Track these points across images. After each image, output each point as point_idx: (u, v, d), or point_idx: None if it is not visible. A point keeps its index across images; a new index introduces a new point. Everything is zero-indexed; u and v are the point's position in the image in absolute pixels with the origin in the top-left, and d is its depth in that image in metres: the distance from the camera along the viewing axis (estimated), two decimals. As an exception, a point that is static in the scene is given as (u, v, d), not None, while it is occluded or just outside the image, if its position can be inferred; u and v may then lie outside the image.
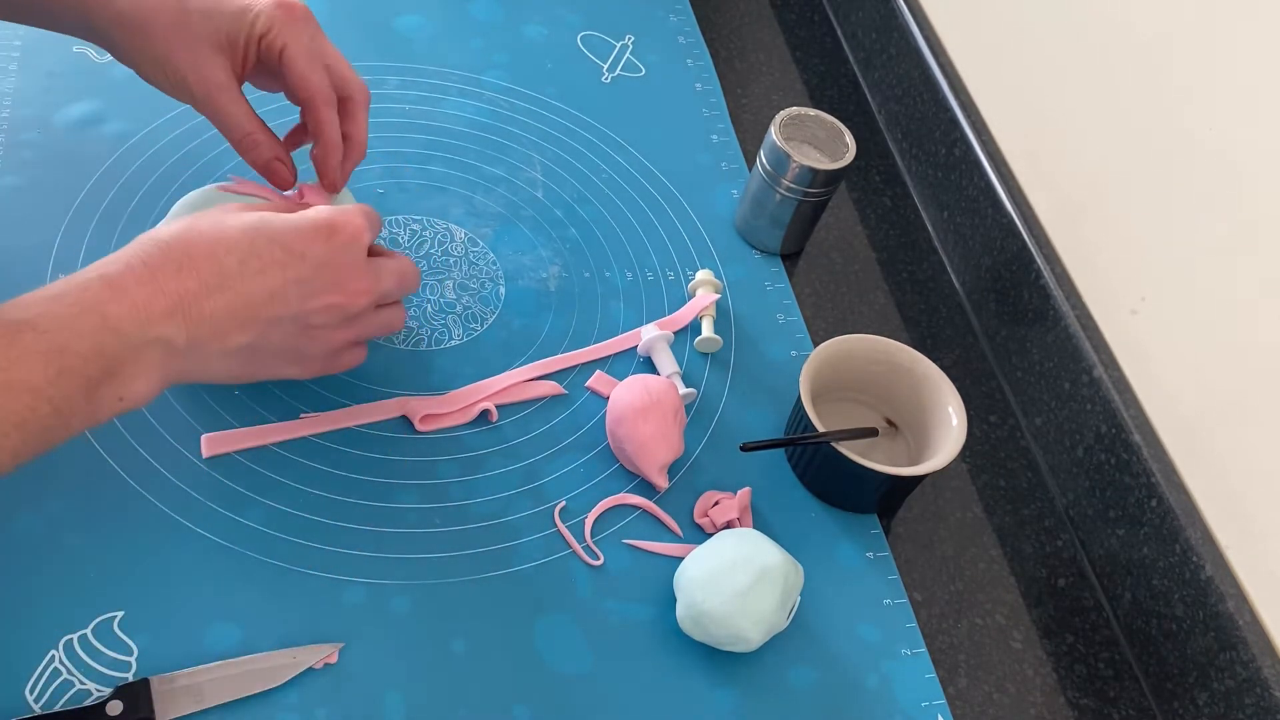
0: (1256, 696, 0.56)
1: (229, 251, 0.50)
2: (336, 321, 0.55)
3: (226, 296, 0.50)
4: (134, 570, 0.56)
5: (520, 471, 0.64)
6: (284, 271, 0.52)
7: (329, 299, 0.54)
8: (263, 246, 0.51)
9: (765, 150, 0.75)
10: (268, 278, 0.51)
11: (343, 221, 0.54)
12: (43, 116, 0.73)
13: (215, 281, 0.50)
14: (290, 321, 0.53)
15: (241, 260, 0.51)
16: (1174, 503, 0.62)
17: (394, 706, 0.54)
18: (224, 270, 0.50)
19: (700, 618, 0.57)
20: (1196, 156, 0.63)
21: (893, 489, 0.65)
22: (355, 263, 0.54)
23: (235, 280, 0.50)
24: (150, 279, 0.48)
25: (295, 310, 0.53)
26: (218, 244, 0.50)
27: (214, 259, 0.50)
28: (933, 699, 0.60)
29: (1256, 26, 0.59)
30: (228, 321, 0.51)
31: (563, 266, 0.75)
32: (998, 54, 0.82)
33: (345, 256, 0.54)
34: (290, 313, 0.53)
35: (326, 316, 0.54)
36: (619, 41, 0.92)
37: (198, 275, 0.49)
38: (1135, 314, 0.68)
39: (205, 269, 0.50)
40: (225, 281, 0.50)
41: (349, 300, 0.54)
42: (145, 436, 0.60)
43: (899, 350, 0.68)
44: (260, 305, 0.51)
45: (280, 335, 0.53)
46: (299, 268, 0.52)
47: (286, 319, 0.53)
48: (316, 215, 0.54)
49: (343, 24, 0.86)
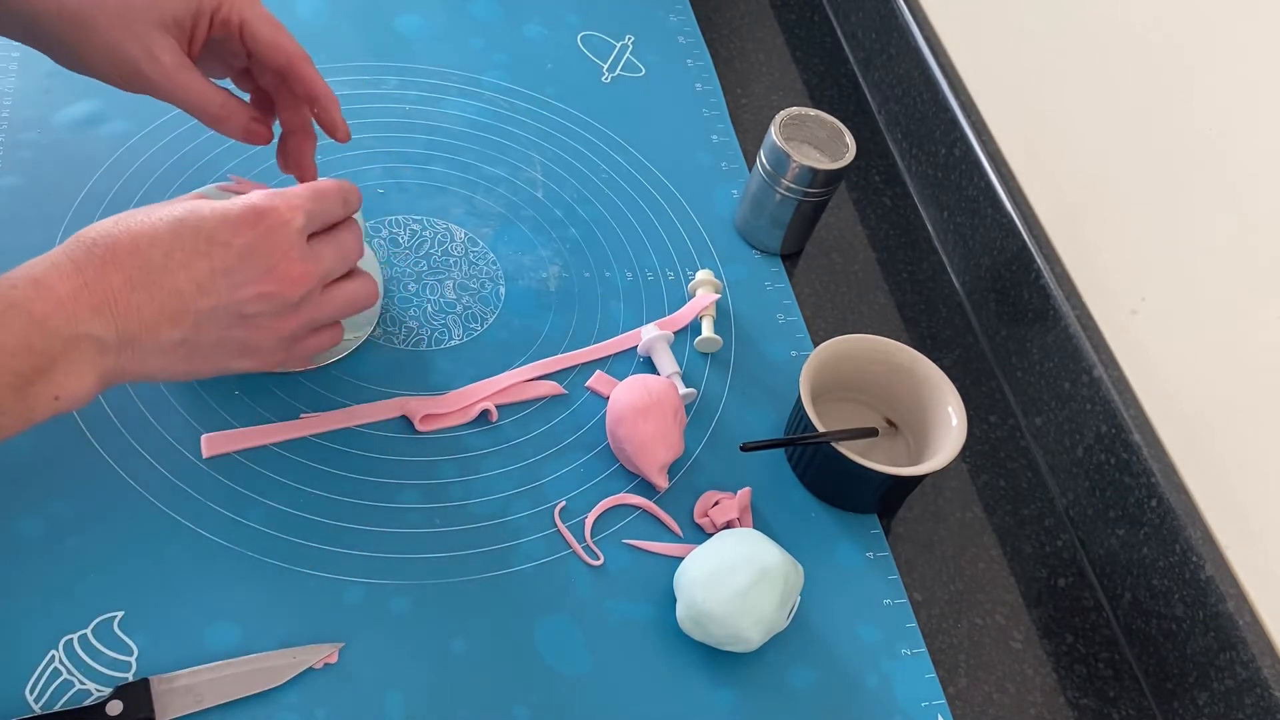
0: (1256, 696, 0.56)
1: (153, 245, 0.50)
2: (275, 309, 0.53)
3: (152, 291, 0.49)
4: (134, 570, 0.56)
5: (520, 471, 0.64)
6: (209, 262, 0.50)
7: (260, 288, 0.52)
8: (187, 238, 0.50)
9: (765, 150, 0.75)
10: (193, 270, 0.50)
11: (269, 206, 0.52)
12: (43, 116, 0.73)
13: (140, 276, 0.49)
14: (224, 313, 0.52)
15: (166, 253, 0.50)
16: (1174, 503, 0.62)
17: (394, 706, 0.54)
18: (149, 264, 0.49)
19: (700, 618, 0.57)
20: (1196, 156, 0.63)
21: (893, 489, 0.65)
22: (286, 248, 0.52)
23: (160, 274, 0.49)
24: (75, 275, 0.48)
25: (225, 300, 0.51)
26: (142, 238, 0.50)
27: (138, 253, 0.49)
28: (933, 699, 0.60)
29: (1257, 26, 0.59)
30: (156, 316, 0.50)
31: (563, 266, 0.75)
32: (998, 54, 0.82)
33: (274, 242, 0.52)
34: (221, 304, 0.51)
35: (261, 305, 0.52)
36: (619, 41, 0.92)
37: (122, 271, 0.49)
38: (1135, 314, 0.68)
39: (130, 264, 0.49)
40: (150, 276, 0.49)
41: (282, 288, 0.53)
42: (145, 436, 0.60)
43: (899, 350, 0.68)
44: (188, 297, 0.50)
45: (215, 328, 0.52)
46: (224, 257, 0.51)
47: (219, 310, 0.51)
48: (245, 202, 0.52)
49: (343, 24, 0.86)
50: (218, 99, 0.60)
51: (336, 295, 0.57)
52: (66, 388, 0.48)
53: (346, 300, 0.57)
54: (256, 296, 0.52)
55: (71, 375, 0.48)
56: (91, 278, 0.48)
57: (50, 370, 0.47)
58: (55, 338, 0.47)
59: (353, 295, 0.58)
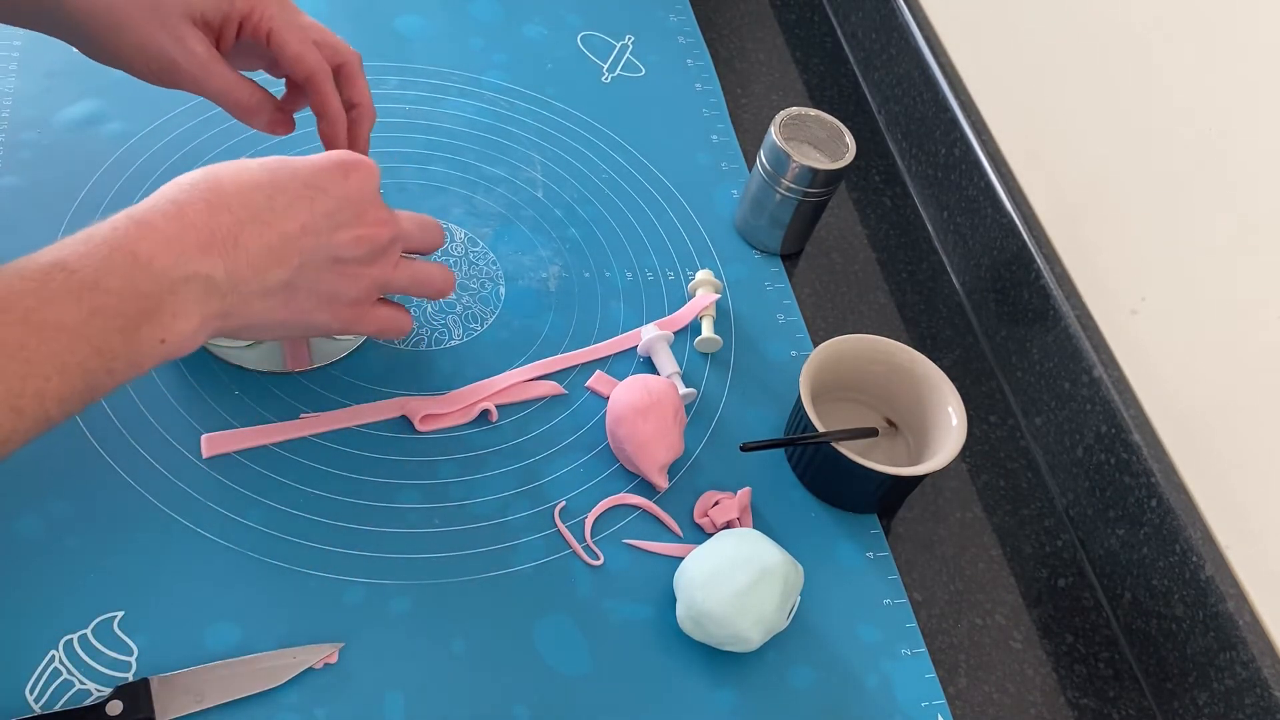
0: (1256, 696, 0.56)
1: (255, 188, 0.51)
2: (365, 254, 0.55)
3: (260, 229, 0.50)
4: (134, 570, 0.56)
5: (520, 471, 0.64)
6: (311, 205, 0.52)
7: (355, 231, 0.54)
8: (286, 181, 0.52)
9: (765, 150, 0.75)
10: (296, 210, 0.52)
11: (354, 160, 0.55)
12: (43, 116, 0.73)
13: (248, 215, 0.50)
14: (322, 254, 0.53)
15: (269, 195, 0.51)
16: (1174, 503, 0.62)
17: (394, 706, 0.54)
18: (254, 204, 0.51)
19: (700, 618, 0.57)
20: (1196, 156, 0.63)
21: (893, 489, 0.65)
22: (373, 197, 0.55)
23: (267, 214, 0.51)
24: (179, 216, 0.48)
25: (325, 241, 0.53)
26: (243, 181, 0.51)
27: (243, 194, 0.50)
28: (933, 699, 0.60)
29: (1257, 26, 0.59)
30: (264, 255, 0.51)
31: (563, 266, 0.75)
32: (998, 54, 0.82)
33: (363, 191, 0.55)
34: (321, 244, 0.53)
35: (355, 249, 0.55)
36: (619, 41, 0.92)
37: (230, 211, 0.50)
38: (1135, 314, 0.68)
39: (236, 204, 0.50)
40: (258, 215, 0.50)
41: (373, 231, 0.55)
42: (145, 436, 0.60)
43: (899, 350, 0.68)
44: (293, 238, 0.52)
45: (314, 270, 0.53)
46: (324, 201, 0.53)
47: (320, 252, 0.53)
48: (331, 155, 0.55)
49: (343, 24, 0.86)
50: (247, 91, 0.61)
51: (414, 266, 0.59)
52: (175, 329, 0.48)
53: (423, 272, 0.60)
54: (352, 240, 0.54)
55: (179, 316, 0.48)
56: (198, 218, 0.49)
57: (157, 311, 0.47)
58: (163, 278, 0.47)
59: (429, 272, 0.60)
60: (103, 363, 0.46)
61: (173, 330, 0.48)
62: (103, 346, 0.46)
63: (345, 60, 0.63)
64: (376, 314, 0.58)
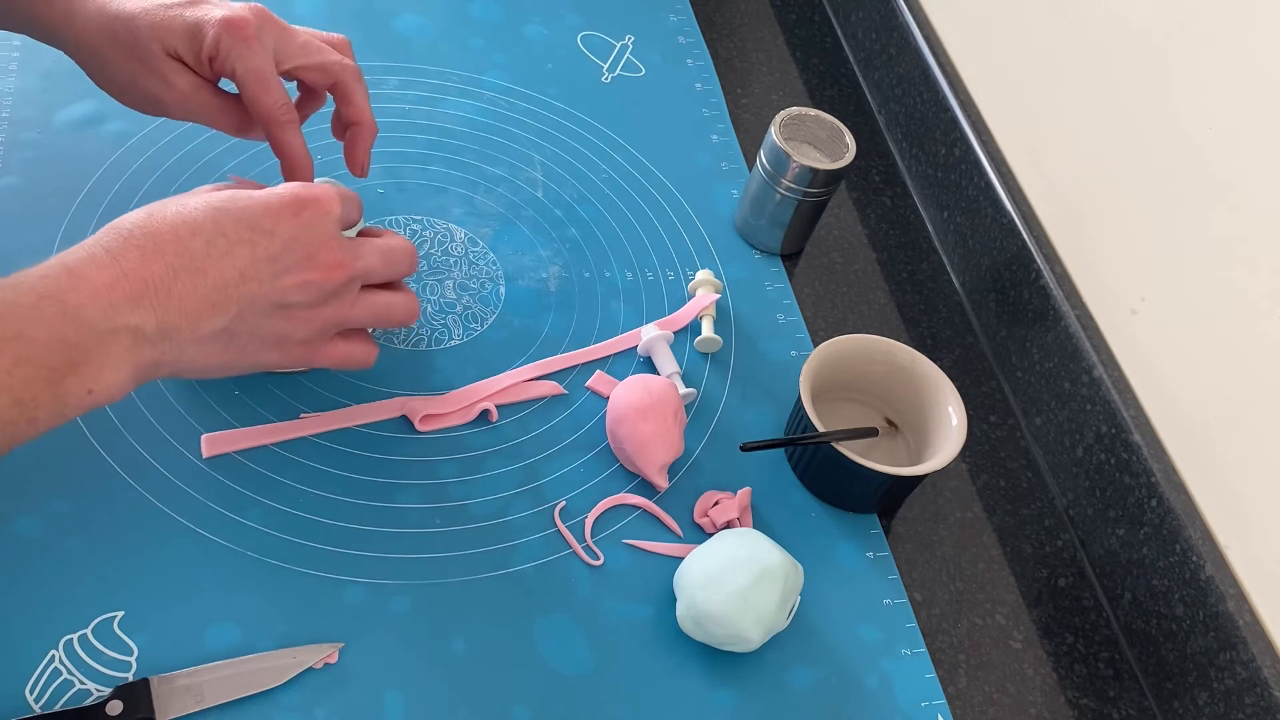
0: (1256, 696, 0.56)
1: (194, 233, 0.49)
2: (314, 299, 0.53)
3: (195, 279, 0.49)
4: (134, 570, 0.56)
5: (520, 471, 0.64)
6: (253, 249, 0.50)
7: (302, 275, 0.52)
8: (229, 224, 0.50)
9: (765, 150, 0.75)
10: (236, 257, 0.50)
11: (310, 196, 0.52)
12: (43, 116, 0.73)
13: (183, 264, 0.48)
14: (264, 301, 0.51)
15: (208, 241, 0.49)
16: (1174, 503, 0.62)
17: (394, 706, 0.54)
18: (191, 252, 0.49)
19: (700, 618, 0.57)
20: (1196, 156, 0.63)
21: (893, 489, 0.65)
22: (327, 237, 0.52)
23: (203, 261, 0.49)
24: (112, 264, 0.47)
25: (267, 288, 0.51)
26: (182, 226, 0.49)
27: (179, 241, 0.48)
28: (933, 699, 0.60)
29: (1257, 26, 0.59)
30: (199, 305, 0.49)
31: (563, 266, 0.75)
32: (998, 54, 0.82)
33: (316, 231, 0.52)
34: (263, 292, 0.51)
35: (302, 294, 0.52)
36: (619, 41, 0.92)
37: (163, 259, 0.48)
38: (1135, 314, 0.68)
39: (172, 252, 0.48)
40: (193, 262, 0.49)
41: (323, 276, 0.52)
42: (145, 436, 0.60)
43: (899, 350, 0.68)
44: (231, 285, 0.50)
45: (255, 317, 0.52)
46: (268, 244, 0.50)
47: (260, 299, 0.51)
48: (284, 190, 0.52)
49: (343, 24, 0.86)
50: (237, 114, 0.61)
51: (374, 299, 0.56)
52: (101, 381, 0.47)
53: (383, 306, 0.57)
54: (298, 285, 0.52)
55: (106, 368, 0.47)
56: (130, 267, 0.47)
57: (84, 363, 0.46)
58: (91, 330, 0.46)
59: (389, 304, 0.57)
60: (23, 413, 0.45)
61: (100, 381, 0.47)
62: (24, 396, 0.45)
63: (340, 80, 0.62)
64: (332, 351, 0.56)
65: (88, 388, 0.47)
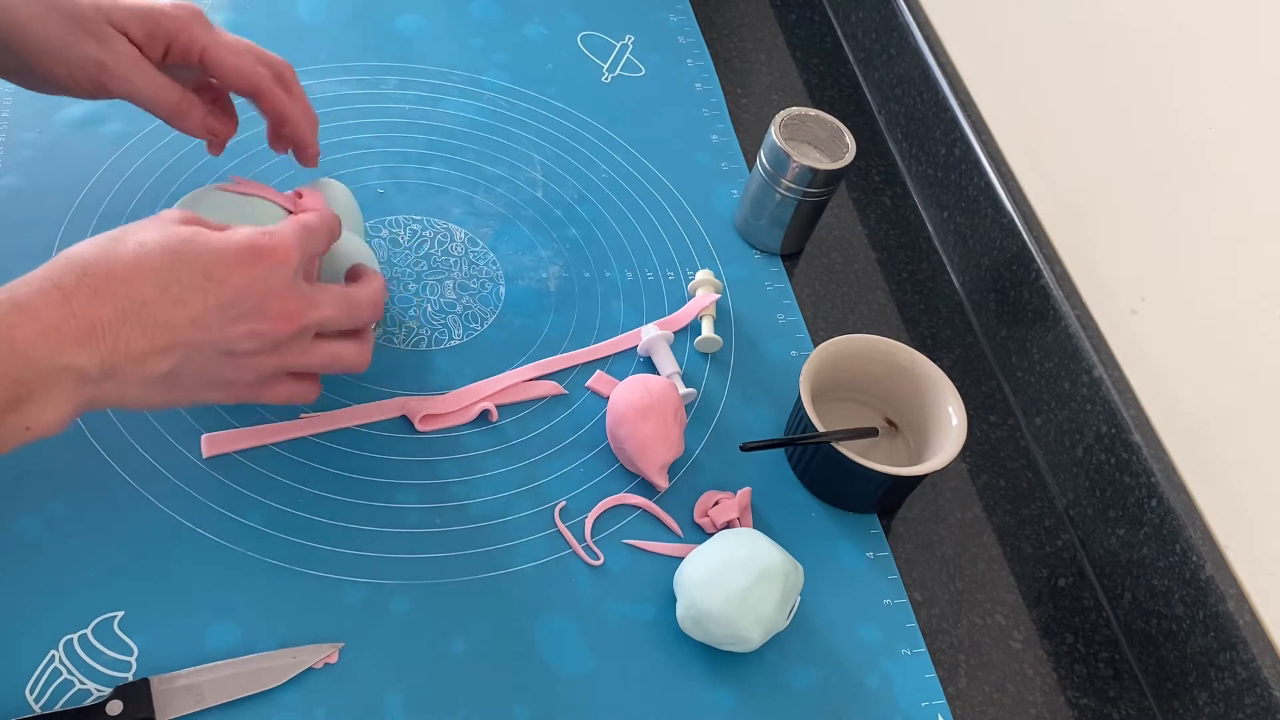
0: (1256, 696, 0.56)
1: (148, 277, 0.48)
2: (261, 348, 0.52)
3: (144, 324, 0.48)
4: (134, 570, 0.56)
5: (520, 471, 0.64)
6: (204, 298, 0.49)
7: (251, 325, 0.51)
8: (183, 271, 0.49)
9: (765, 150, 0.75)
10: (188, 305, 0.49)
11: (268, 245, 0.51)
12: (43, 116, 0.73)
13: (132, 308, 0.47)
14: (211, 348, 0.51)
15: (162, 286, 0.48)
16: (1174, 503, 0.62)
17: (394, 706, 0.54)
18: (142, 297, 0.48)
19: (700, 618, 0.57)
20: (1196, 156, 0.63)
21: (893, 489, 0.65)
22: (281, 288, 0.51)
23: (154, 307, 0.48)
24: (63, 303, 0.46)
25: (216, 336, 0.50)
26: (138, 268, 0.48)
27: (132, 285, 0.48)
28: (933, 699, 0.60)
29: (1257, 26, 0.59)
30: (145, 349, 0.48)
31: (563, 266, 0.75)
32: (998, 54, 0.82)
33: (269, 282, 0.51)
34: (211, 339, 0.50)
35: (250, 343, 0.51)
36: (619, 41, 0.92)
37: (114, 302, 0.47)
38: (1135, 314, 0.68)
39: (122, 295, 0.47)
40: (143, 309, 0.48)
41: (273, 327, 0.51)
42: (145, 436, 0.60)
43: (899, 350, 0.68)
44: (179, 330, 0.49)
45: (202, 361, 0.51)
46: (219, 293, 0.50)
47: (208, 345, 0.50)
48: (241, 238, 0.51)
49: (343, 24, 0.86)
50: (178, 93, 0.59)
51: (324, 348, 0.55)
52: (41, 419, 0.46)
53: (332, 356, 0.56)
54: (247, 334, 0.51)
55: (48, 406, 0.46)
56: (80, 307, 0.46)
57: (27, 400, 0.45)
58: (36, 368, 0.45)
59: (339, 353, 0.56)
60: None
61: (40, 419, 0.46)
62: None
63: (280, 71, 0.62)
64: (276, 391, 0.55)
65: (26, 424, 0.46)
